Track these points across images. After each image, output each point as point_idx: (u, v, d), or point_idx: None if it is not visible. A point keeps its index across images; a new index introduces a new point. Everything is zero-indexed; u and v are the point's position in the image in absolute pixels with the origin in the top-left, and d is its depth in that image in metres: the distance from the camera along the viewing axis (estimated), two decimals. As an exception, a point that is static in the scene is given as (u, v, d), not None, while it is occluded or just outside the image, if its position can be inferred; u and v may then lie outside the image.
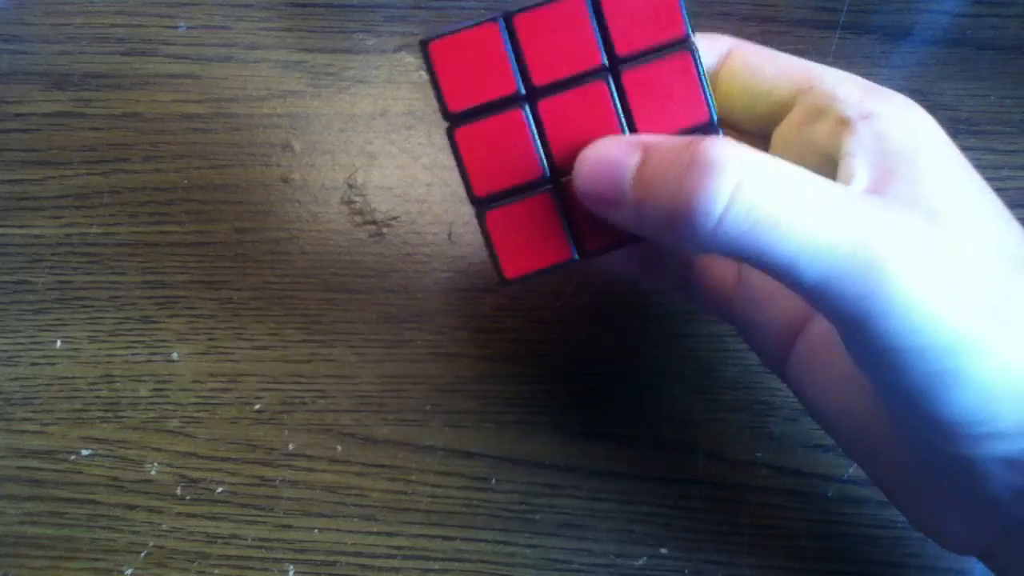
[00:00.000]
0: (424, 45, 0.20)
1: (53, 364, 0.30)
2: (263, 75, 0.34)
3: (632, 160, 0.19)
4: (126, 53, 0.35)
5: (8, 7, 0.37)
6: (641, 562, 0.26)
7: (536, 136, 0.20)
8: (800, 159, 0.19)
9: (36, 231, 0.32)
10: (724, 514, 0.26)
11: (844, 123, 0.20)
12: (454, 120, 0.20)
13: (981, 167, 0.20)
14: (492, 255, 0.21)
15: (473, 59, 0.20)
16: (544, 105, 0.20)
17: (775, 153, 0.20)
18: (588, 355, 0.29)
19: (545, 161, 0.20)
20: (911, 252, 0.17)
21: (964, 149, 0.20)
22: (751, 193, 0.17)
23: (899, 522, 0.26)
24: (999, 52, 0.33)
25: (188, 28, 0.35)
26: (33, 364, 0.30)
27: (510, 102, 0.20)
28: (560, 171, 0.21)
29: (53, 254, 0.32)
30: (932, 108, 0.20)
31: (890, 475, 0.22)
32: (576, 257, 0.21)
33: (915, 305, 0.17)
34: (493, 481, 0.27)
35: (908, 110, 0.20)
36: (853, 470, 0.27)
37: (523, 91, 0.20)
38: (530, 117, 0.20)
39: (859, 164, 0.19)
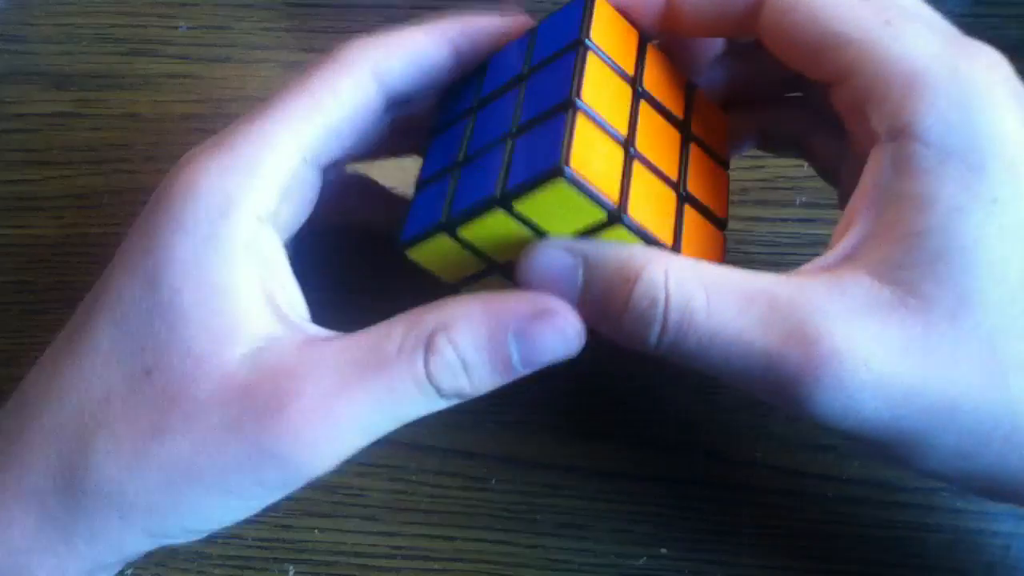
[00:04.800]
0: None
1: (53, 364, 0.30)
2: (263, 75, 0.34)
3: (576, 274, 0.20)
4: (126, 53, 0.35)
5: (8, 7, 0.37)
6: (641, 562, 0.26)
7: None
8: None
9: (36, 231, 0.32)
10: (724, 514, 0.26)
11: (872, 139, 0.19)
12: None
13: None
14: None
15: None
16: None
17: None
18: (588, 355, 0.29)
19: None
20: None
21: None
22: (681, 328, 0.19)
23: (899, 522, 0.26)
24: (999, 52, 0.33)
25: (188, 28, 0.35)
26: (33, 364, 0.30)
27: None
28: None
29: (53, 254, 0.32)
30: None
31: None
32: None
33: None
34: (493, 481, 0.27)
35: (962, 107, 0.17)
36: (853, 470, 0.27)
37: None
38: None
39: (854, 227, 0.19)
